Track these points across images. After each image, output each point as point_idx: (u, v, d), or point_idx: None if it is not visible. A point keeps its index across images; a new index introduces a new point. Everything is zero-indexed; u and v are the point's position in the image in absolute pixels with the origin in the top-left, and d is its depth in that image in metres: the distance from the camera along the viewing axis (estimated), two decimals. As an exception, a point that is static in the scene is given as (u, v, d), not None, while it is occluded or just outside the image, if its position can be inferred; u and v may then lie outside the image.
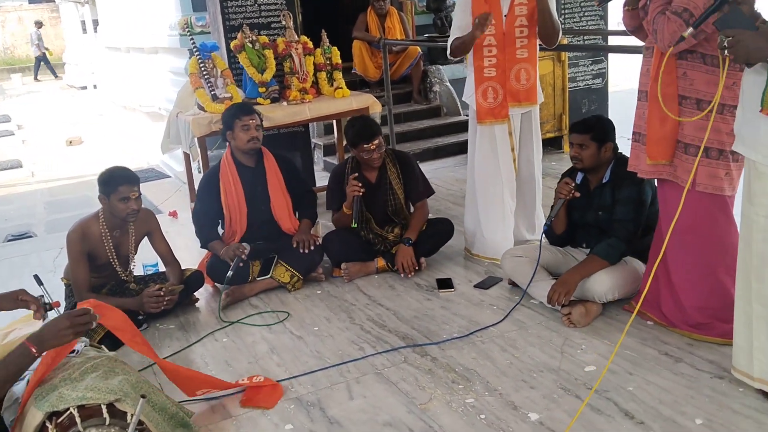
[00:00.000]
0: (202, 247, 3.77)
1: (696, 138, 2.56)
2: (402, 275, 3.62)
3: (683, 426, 2.25)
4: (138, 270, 3.59)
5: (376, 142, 3.61)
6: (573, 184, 3.12)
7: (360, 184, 3.57)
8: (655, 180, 2.83)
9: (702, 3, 2.37)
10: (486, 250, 3.78)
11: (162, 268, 3.61)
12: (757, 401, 2.33)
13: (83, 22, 18.29)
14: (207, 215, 3.70)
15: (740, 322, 2.35)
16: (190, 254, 4.28)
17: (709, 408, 2.33)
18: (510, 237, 3.76)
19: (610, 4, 6.21)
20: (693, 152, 2.57)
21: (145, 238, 3.49)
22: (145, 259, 3.72)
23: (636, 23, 2.74)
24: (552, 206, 3.25)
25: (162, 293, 3.24)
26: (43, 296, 3.16)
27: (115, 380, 2.01)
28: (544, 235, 3.31)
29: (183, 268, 3.54)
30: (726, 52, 2.01)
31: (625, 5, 2.73)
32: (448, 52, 3.67)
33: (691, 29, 2.26)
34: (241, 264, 3.50)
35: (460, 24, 3.58)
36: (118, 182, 3.17)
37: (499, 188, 3.69)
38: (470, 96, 3.67)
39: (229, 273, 3.44)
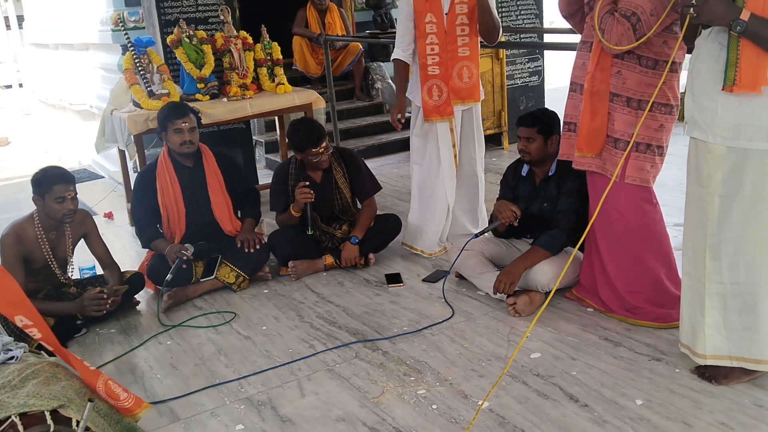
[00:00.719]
0: (144, 247, 3.66)
1: (625, 134, 2.68)
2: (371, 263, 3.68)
3: (625, 407, 2.33)
4: (75, 273, 3.46)
5: (324, 145, 3.58)
6: (516, 215, 3.18)
7: (311, 191, 3.56)
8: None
9: (649, 7, 2.45)
10: (425, 245, 3.83)
11: (100, 271, 3.49)
12: (693, 381, 2.44)
13: (6, 18, 17.49)
14: (145, 214, 3.60)
15: (689, 301, 2.45)
16: (128, 256, 4.18)
17: (648, 389, 2.42)
18: (440, 230, 3.79)
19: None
20: (622, 147, 2.69)
21: (81, 240, 3.36)
22: (81, 262, 3.59)
23: (572, 9, 2.82)
24: (489, 220, 3.35)
25: (105, 296, 3.13)
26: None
27: (57, 386, 1.93)
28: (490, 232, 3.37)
29: (122, 270, 3.43)
30: (691, 9, 2.09)
31: (561, 13, 2.81)
32: (392, 56, 3.69)
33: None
34: (183, 266, 3.42)
35: (403, 19, 3.61)
36: (52, 182, 3.05)
37: (439, 184, 3.73)
38: (414, 93, 3.69)
39: (169, 276, 3.34)
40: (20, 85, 16.61)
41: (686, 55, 2.56)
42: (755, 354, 2.35)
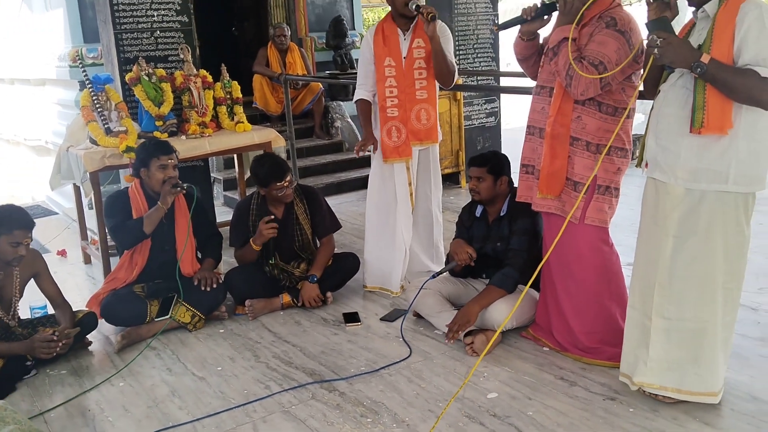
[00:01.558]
0: (126, 245, 3.54)
1: (584, 177, 2.75)
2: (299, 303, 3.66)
3: (581, 447, 2.36)
4: (24, 312, 3.37)
5: (288, 179, 3.62)
6: (474, 256, 3.25)
7: (276, 225, 3.57)
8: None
9: (615, 57, 2.55)
10: (381, 282, 3.86)
11: (51, 310, 3.41)
12: (646, 420, 2.48)
13: (-40, 51, 17.18)
14: (124, 219, 3.51)
15: (633, 333, 2.55)
16: (81, 295, 4.08)
17: (603, 428, 2.45)
18: (401, 270, 3.82)
19: (500, 43, 6.58)
20: (581, 189, 2.76)
21: (32, 279, 3.28)
22: (32, 301, 3.50)
23: (527, 54, 2.91)
24: (446, 261, 3.41)
25: (55, 337, 3.05)
26: None
27: (5, 429, 1.87)
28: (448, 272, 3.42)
29: (74, 309, 3.35)
30: (655, 50, 2.20)
31: (520, 34, 2.88)
32: (355, 97, 3.77)
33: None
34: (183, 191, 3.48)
35: (364, 61, 3.71)
36: (13, 225, 3.00)
37: (392, 221, 3.77)
38: (374, 133, 3.75)
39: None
40: (-28, 119, 16.22)
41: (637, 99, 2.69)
42: (696, 387, 2.45)
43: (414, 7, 3.44)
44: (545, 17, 2.81)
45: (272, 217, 3.60)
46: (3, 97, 9.25)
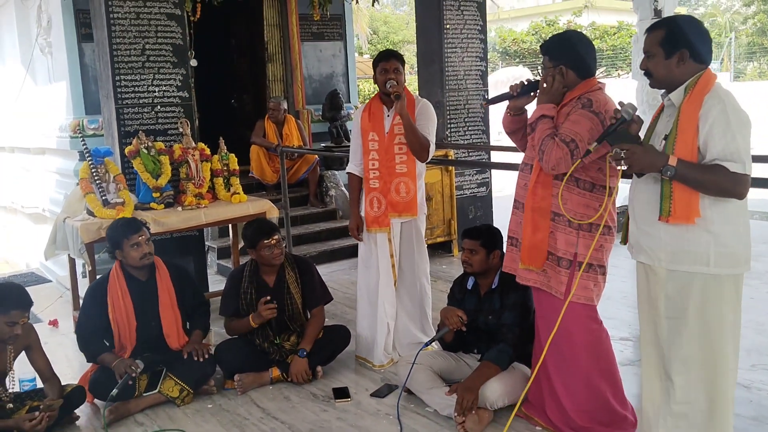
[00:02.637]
0: (89, 361, 3.58)
1: (568, 252, 2.81)
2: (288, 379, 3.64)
3: None
4: (15, 386, 3.35)
5: (276, 236, 3.70)
6: (463, 319, 3.28)
7: (275, 306, 3.62)
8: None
9: (587, 136, 2.64)
10: (372, 356, 3.88)
11: (40, 383, 3.39)
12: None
13: (-37, 118, 17.47)
14: (92, 328, 3.53)
15: (647, 417, 2.50)
16: (71, 367, 4.06)
17: None
18: (383, 343, 3.85)
19: (491, 117, 6.76)
20: (565, 265, 2.81)
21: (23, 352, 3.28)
22: (21, 374, 3.48)
23: (515, 127, 3.01)
24: (437, 327, 3.40)
25: (38, 412, 3.03)
26: None
27: None
28: (436, 343, 3.43)
29: (63, 383, 3.34)
30: (623, 162, 2.29)
31: (508, 110, 2.99)
32: (347, 169, 3.93)
33: (595, 144, 2.52)
34: (129, 382, 3.35)
35: (354, 136, 3.90)
36: (11, 305, 3.03)
37: (375, 291, 3.84)
38: (361, 204, 3.88)
39: (114, 391, 3.26)
40: (-29, 184, 16.36)
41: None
42: None
43: (388, 86, 3.66)
44: (531, 94, 2.93)
45: (269, 298, 3.64)
46: (2, 164, 9.39)
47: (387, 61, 3.69)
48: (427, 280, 3.99)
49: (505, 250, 3.13)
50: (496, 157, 6.63)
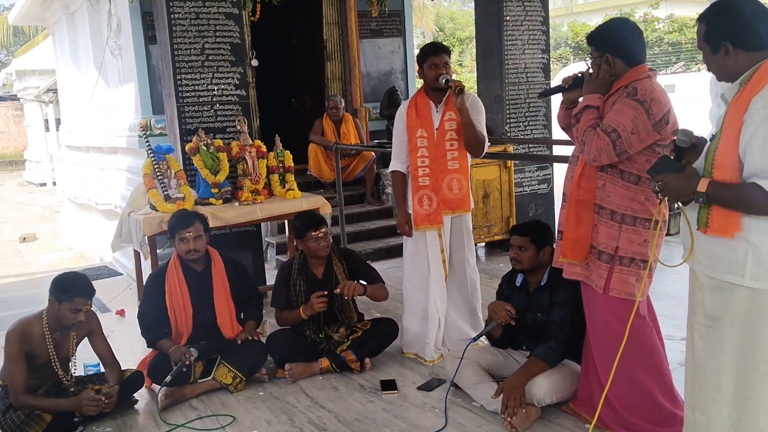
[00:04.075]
0: (149, 346, 3.73)
1: (608, 246, 2.72)
2: (336, 291, 3.66)
3: None
4: (79, 369, 3.52)
5: (323, 229, 3.74)
6: (511, 313, 3.23)
7: (326, 300, 3.67)
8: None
9: (630, 126, 2.56)
10: (416, 349, 3.88)
11: (103, 368, 3.55)
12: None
13: (46, 121, 18.51)
14: (152, 315, 3.68)
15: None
16: (134, 354, 4.22)
17: None
18: (434, 338, 3.83)
19: (553, 109, 6.61)
20: (605, 259, 2.73)
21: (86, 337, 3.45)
22: (86, 359, 3.66)
23: (569, 121, 2.92)
24: (486, 322, 3.37)
25: (101, 397, 3.18)
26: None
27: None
28: (485, 337, 3.40)
29: (124, 368, 3.48)
30: (659, 194, 2.15)
31: (562, 103, 2.93)
32: (390, 168, 3.91)
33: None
34: (184, 369, 3.47)
35: (398, 133, 3.84)
36: (75, 293, 3.18)
37: (425, 288, 3.81)
38: (407, 202, 3.84)
39: (169, 377, 3.39)
40: (54, 184, 17.34)
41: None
42: None
43: (444, 80, 3.58)
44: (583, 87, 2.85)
45: (325, 293, 3.69)
46: (79, 163, 9.87)
47: (437, 55, 3.65)
48: (477, 275, 3.96)
49: (555, 245, 3.06)
50: (558, 152, 6.49)
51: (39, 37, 18.65)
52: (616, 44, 2.68)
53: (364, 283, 3.74)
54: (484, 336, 3.38)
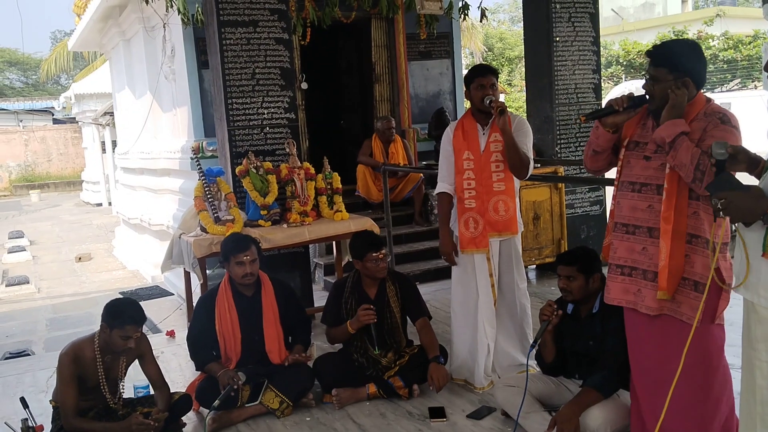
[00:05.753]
0: (197, 369, 3.75)
1: (705, 276, 2.53)
2: (431, 388, 3.60)
3: None
4: (128, 392, 3.56)
5: (384, 251, 3.75)
6: (555, 306, 3.14)
7: (374, 312, 3.65)
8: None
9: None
10: (465, 375, 3.81)
11: (153, 390, 3.57)
12: None
13: (103, 143, 19.13)
14: (201, 338, 3.70)
15: None
16: (184, 376, 4.26)
17: None
18: (483, 364, 3.74)
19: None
20: (702, 290, 2.51)
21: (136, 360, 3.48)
22: (137, 381, 3.69)
23: (608, 146, 2.78)
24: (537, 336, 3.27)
25: (151, 421, 3.19)
26: (27, 419, 3.15)
27: None
28: (536, 364, 3.30)
29: (173, 390, 3.50)
30: (721, 213, 2.04)
31: (605, 126, 2.74)
32: (437, 189, 3.87)
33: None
34: (232, 393, 3.47)
35: (444, 155, 3.81)
36: (126, 321, 3.22)
37: (474, 313, 3.75)
38: (454, 224, 3.80)
39: (217, 402, 3.39)
40: (109, 204, 17.86)
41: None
42: None
43: (488, 102, 3.55)
44: (637, 109, 2.75)
45: (371, 307, 3.67)
46: (132, 184, 10.13)
47: (483, 76, 3.62)
48: (527, 299, 3.86)
49: (608, 279, 2.87)
50: (610, 174, 6.34)
51: (97, 61, 19.34)
52: (693, 68, 2.57)
53: (414, 388, 3.68)
54: (533, 357, 3.27)
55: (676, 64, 2.57)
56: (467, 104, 4.09)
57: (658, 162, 2.63)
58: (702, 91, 2.63)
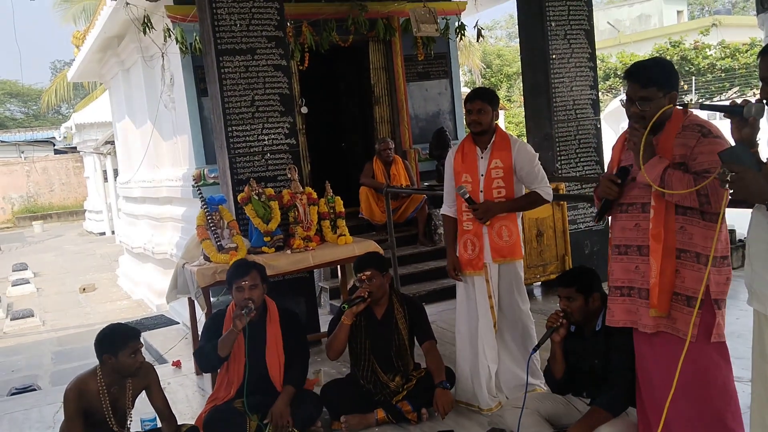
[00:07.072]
0: (203, 369, 3.66)
1: (697, 290, 2.53)
2: (436, 414, 3.58)
3: None
4: (135, 424, 3.53)
5: (367, 272, 3.72)
6: (562, 314, 3.12)
7: (369, 290, 3.67)
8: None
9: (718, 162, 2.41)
10: (468, 397, 3.78)
11: (160, 423, 3.54)
12: None
13: (105, 172, 19.19)
14: (209, 347, 3.64)
15: None
16: (191, 407, 4.23)
17: None
18: (485, 386, 3.72)
19: (604, 145, 6.47)
20: (694, 304, 2.53)
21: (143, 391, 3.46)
22: (143, 413, 3.66)
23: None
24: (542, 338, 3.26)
25: None
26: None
27: None
28: (544, 383, 3.27)
29: (180, 423, 3.47)
30: (726, 185, 2.02)
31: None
32: (441, 211, 3.92)
33: None
34: (253, 313, 3.50)
35: (447, 178, 3.88)
36: (125, 339, 3.22)
37: (474, 334, 3.74)
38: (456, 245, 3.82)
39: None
40: (112, 233, 17.87)
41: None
42: None
43: (461, 192, 3.63)
44: (627, 179, 2.71)
45: (364, 296, 3.67)
46: (135, 213, 10.14)
47: (470, 101, 3.67)
48: (530, 320, 3.84)
49: (609, 301, 2.85)
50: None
51: (98, 90, 19.48)
52: (677, 82, 2.61)
53: (423, 412, 3.65)
54: (543, 382, 3.24)
55: (663, 81, 2.61)
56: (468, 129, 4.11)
57: (642, 181, 2.64)
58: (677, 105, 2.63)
